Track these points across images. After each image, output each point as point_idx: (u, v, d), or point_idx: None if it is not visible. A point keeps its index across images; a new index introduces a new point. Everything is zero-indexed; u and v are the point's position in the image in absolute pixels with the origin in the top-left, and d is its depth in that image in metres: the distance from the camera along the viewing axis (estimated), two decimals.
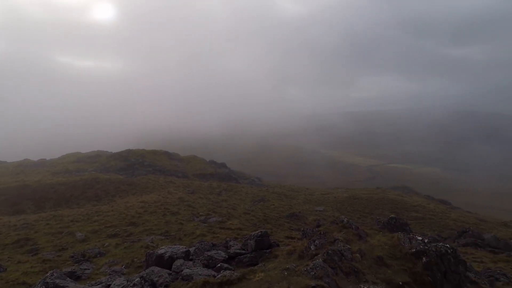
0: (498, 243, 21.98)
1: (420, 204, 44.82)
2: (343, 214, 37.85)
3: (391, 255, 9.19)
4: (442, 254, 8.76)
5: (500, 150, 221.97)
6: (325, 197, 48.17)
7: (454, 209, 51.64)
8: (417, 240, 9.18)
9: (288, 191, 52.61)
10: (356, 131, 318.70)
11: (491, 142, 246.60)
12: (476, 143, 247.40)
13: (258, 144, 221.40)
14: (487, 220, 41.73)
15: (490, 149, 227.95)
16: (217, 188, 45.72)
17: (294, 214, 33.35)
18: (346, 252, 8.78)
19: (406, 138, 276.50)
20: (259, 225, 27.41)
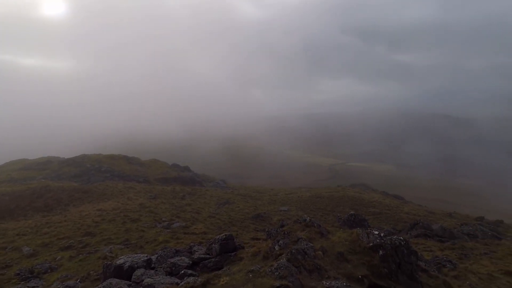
0: (444, 233, 23.99)
1: (377, 200, 47.47)
2: (307, 213, 38.90)
3: (351, 250, 9.60)
4: (396, 246, 9.35)
5: (445, 148, 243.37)
6: (289, 197, 49.14)
7: (407, 203, 55.44)
8: (374, 234, 9.70)
9: (253, 193, 52.87)
10: (317, 132, 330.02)
11: (437, 140, 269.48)
12: (424, 142, 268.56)
13: (222, 146, 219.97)
14: (435, 212, 45.45)
15: (436, 146, 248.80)
16: (180, 192, 44.56)
17: (259, 215, 33.59)
18: (309, 250, 9.01)
19: (363, 138, 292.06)
20: (224, 228, 27.18)
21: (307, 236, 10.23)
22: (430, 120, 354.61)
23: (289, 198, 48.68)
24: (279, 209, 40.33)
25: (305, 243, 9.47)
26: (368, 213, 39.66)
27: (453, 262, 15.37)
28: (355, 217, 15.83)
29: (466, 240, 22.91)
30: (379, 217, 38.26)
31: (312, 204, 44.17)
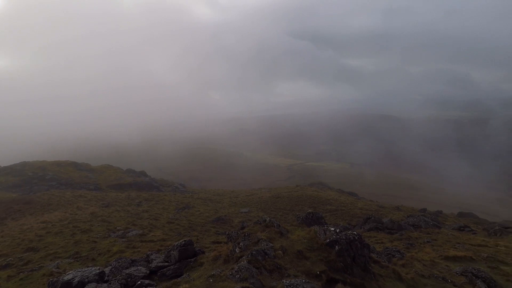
0: (393, 225, 25.86)
1: (333, 197, 49.67)
2: (267, 213, 39.42)
3: (309, 248, 9.91)
4: (351, 241, 9.86)
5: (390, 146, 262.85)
6: (249, 198, 49.37)
7: (360, 199, 58.81)
8: (330, 231, 10.13)
9: (213, 196, 52.24)
10: (276, 133, 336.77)
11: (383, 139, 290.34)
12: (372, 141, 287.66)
13: (181, 149, 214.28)
14: (385, 206, 48.78)
15: (383, 145, 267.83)
16: (136, 198, 42.48)
17: (220, 218, 33.27)
18: (269, 251, 9.12)
19: (319, 138, 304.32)
20: (184, 234, 26.45)
21: (267, 236, 10.35)
22: (378, 121, 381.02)
23: (250, 199, 48.92)
24: (240, 211, 40.33)
25: (265, 243, 9.56)
26: (325, 211, 41.34)
27: (401, 251, 16.61)
28: (313, 215, 16.41)
29: (411, 230, 24.92)
30: (335, 214, 40.05)
31: (272, 204, 44.84)
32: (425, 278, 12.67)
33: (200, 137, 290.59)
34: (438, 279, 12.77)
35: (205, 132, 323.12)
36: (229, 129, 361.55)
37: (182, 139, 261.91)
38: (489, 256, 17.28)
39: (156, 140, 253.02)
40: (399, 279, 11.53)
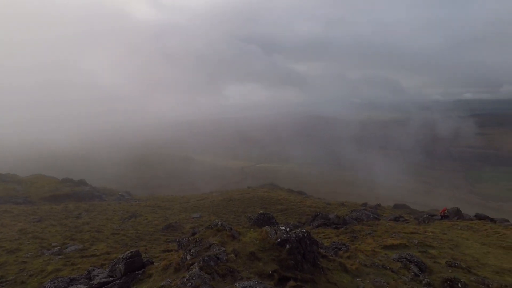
0: (339, 220, 27.50)
1: (283, 197, 51.13)
2: (219, 217, 39.05)
3: (261, 248, 10.05)
4: (300, 238, 10.24)
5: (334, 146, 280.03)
6: (201, 203, 48.44)
7: (309, 197, 61.53)
8: (281, 230, 10.40)
9: (162, 202, 50.13)
10: (227, 135, 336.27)
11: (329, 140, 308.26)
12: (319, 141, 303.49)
13: (126, 155, 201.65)
14: (331, 203, 51.69)
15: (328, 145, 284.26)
16: (75, 210, 38.80)
17: (171, 226, 32.05)
18: (221, 255, 9.03)
19: (269, 140, 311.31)
20: (131, 245, 24.92)
21: (219, 240, 10.24)
22: (322, 122, 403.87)
23: (201, 204, 48.01)
24: (191, 216, 39.33)
25: (217, 248, 9.45)
26: (277, 210, 42.38)
27: (346, 244, 17.72)
28: (264, 216, 16.69)
29: (355, 224, 26.76)
30: (286, 213, 41.27)
31: (224, 207, 44.58)
32: (368, 267, 13.70)
33: (147, 142, 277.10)
34: (378, 267, 13.90)
35: (152, 136, 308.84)
36: (178, 132, 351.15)
37: (127, 144, 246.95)
38: (419, 242, 19.33)
39: (97, 145, 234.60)
40: (345, 271, 12.29)
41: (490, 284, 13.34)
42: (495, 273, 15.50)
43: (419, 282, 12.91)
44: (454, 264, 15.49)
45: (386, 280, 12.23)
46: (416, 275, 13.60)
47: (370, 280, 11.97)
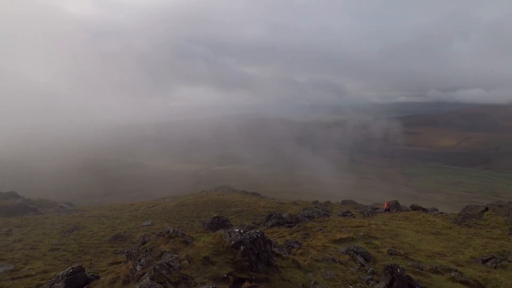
0: (292, 219, 28.37)
1: (238, 199, 51.17)
2: (172, 223, 37.72)
3: (216, 252, 9.93)
4: (254, 239, 10.35)
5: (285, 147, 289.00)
6: (152, 210, 46.28)
7: (263, 198, 62.43)
8: (235, 232, 10.40)
9: (109, 212, 46.81)
10: (178, 139, 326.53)
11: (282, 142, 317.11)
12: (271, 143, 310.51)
13: (66, 162, 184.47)
14: (284, 203, 53.11)
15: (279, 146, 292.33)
16: (3, 226, 34.35)
17: (119, 236, 30.08)
18: (174, 262, 8.72)
19: (222, 142, 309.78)
20: (73, 260, 22.84)
21: (172, 247, 9.89)
22: (274, 124, 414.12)
23: (153, 210, 45.86)
24: (141, 224, 37.36)
25: (169, 255, 9.11)
26: (231, 213, 42.27)
27: (299, 242, 18.36)
28: (218, 219, 16.52)
29: (307, 221, 27.85)
30: (241, 215, 41.37)
31: (177, 213, 43.17)
32: (319, 261, 14.35)
33: (89, 147, 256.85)
34: (329, 260, 14.65)
35: (95, 141, 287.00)
36: (124, 136, 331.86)
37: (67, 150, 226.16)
38: (364, 234, 20.81)
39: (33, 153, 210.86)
40: (298, 267, 12.73)
41: (424, 267, 14.87)
42: (427, 257, 17.32)
43: (365, 271, 13.88)
44: (394, 252, 16.97)
45: (335, 272, 12.93)
46: (362, 265, 14.61)
47: (321, 274, 12.55)
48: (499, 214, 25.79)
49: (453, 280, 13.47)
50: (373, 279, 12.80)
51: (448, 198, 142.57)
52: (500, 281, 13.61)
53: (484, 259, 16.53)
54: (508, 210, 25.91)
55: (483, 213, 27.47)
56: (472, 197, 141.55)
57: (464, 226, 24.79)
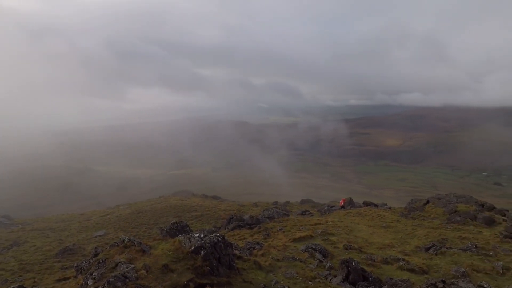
0: (252, 220, 28.56)
1: (197, 203, 50.21)
2: (128, 232, 35.83)
3: (175, 259, 9.63)
4: (215, 243, 10.23)
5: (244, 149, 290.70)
6: (105, 219, 43.51)
7: (223, 201, 62.00)
8: (195, 237, 10.18)
9: (55, 223, 43.05)
10: (133, 143, 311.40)
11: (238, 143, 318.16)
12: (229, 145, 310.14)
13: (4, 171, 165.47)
14: (245, 204, 53.28)
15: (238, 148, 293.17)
16: None
17: (67, 249, 27.77)
18: (130, 273, 8.28)
19: (180, 146, 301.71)
20: (12, 280, 20.56)
21: (127, 257, 9.38)
22: (233, 126, 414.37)
23: (106, 220, 43.13)
24: (93, 235, 34.92)
25: (125, 266, 8.62)
26: (191, 218, 41.34)
27: (260, 243, 18.54)
28: (177, 225, 16.05)
29: (267, 222, 28.23)
30: (201, 219, 40.64)
31: (133, 221, 41.11)
32: (280, 261, 14.64)
33: (33, 154, 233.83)
34: (289, 259, 15.01)
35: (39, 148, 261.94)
36: (72, 141, 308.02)
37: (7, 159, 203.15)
38: (322, 232, 21.67)
39: None
40: (260, 268, 12.86)
41: (376, 259, 15.90)
42: (379, 249, 18.56)
43: (323, 267, 14.46)
44: (349, 247, 17.91)
45: (296, 270, 13.29)
46: (320, 261, 15.20)
47: (282, 273, 12.81)
48: (438, 206, 28.54)
49: (401, 269, 14.59)
50: (331, 274, 13.39)
51: (396, 193, 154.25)
52: (440, 266, 15.05)
53: (427, 247, 18.16)
54: (445, 202, 28.79)
55: (425, 205, 30.18)
56: (416, 191, 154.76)
57: (410, 218, 27.02)
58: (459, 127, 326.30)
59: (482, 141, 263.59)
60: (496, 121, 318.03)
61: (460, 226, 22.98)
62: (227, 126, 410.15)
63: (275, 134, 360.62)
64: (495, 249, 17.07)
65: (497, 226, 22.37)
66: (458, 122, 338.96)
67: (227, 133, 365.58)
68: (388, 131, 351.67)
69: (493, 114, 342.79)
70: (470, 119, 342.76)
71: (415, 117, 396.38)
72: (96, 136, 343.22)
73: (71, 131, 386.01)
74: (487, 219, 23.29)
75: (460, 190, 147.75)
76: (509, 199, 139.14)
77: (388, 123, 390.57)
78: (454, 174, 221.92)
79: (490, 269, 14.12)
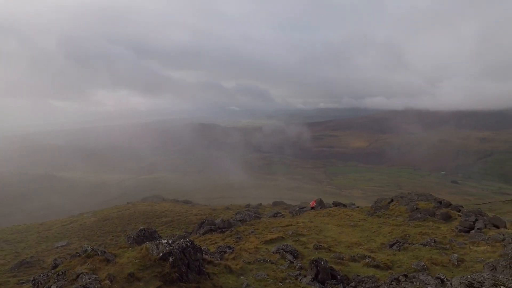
0: (224, 224, 28.32)
1: (168, 209, 48.96)
2: (93, 240, 34.14)
3: (142, 267, 9.31)
4: (184, 249, 10.02)
5: (217, 152, 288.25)
6: (68, 228, 41.09)
7: (195, 206, 60.94)
8: (163, 244, 9.91)
9: (10, 235, 39.89)
10: (99, 147, 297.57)
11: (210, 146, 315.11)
12: (203, 149, 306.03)
13: None
14: (217, 208, 52.76)
15: (210, 151, 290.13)
16: None
17: (24, 262, 25.87)
18: (92, 284, 7.87)
19: (150, 149, 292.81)
20: None
21: (90, 268, 8.91)
22: (204, 129, 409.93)
23: (68, 229, 40.74)
24: (54, 246, 32.83)
25: (87, 277, 8.19)
26: (161, 223, 40.22)
27: (231, 246, 18.43)
28: (145, 232, 15.52)
29: (239, 225, 28.14)
30: (171, 225, 39.66)
31: (99, 229, 39.21)
32: (251, 264, 14.64)
33: None
34: (260, 261, 15.05)
35: None
36: (31, 145, 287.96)
37: None
38: (293, 233, 21.99)
39: None
40: (230, 272, 12.78)
41: (344, 257, 16.42)
42: (347, 247, 19.18)
43: (293, 268, 14.67)
44: (319, 247, 18.33)
45: (266, 272, 13.36)
46: (291, 262, 15.41)
47: (253, 276, 12.82)
48: (402, 204, 30.09)
49: (367, 266, 15.19)
50: (301, 274, 13.61)
51: (363, 193, 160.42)
52: (403, 261, 15.86)
53: (391, 244, 19.05)
54: (407, 200, 30.42)
55: (389, 204, 31.69)
56: (382, 191, 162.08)
57: (376, 216, 28.22)
58: (419, 129, 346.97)
59: (440, 142, 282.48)
60: (452, 124, 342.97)
61: (420, 222, 24.37)
62: (198, 130, 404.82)
63: (247, 137, 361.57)
64: (451, 243, 18.30)
65: (453, 221, 24.00)
66: (418, 125, 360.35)
67: (198, 137, 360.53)
68: (356, 133, 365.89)
69: (448, 117, 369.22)
70: (429, 122, 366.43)
71: (380, 120, 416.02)
72: (58, 140, 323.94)
73: (30, 135, 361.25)
74: (445, 215, 24.92)
75: (421, 188, 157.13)
76: (464, 196, 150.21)
77: (355, 125, 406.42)
78: (416, 174, 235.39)
79: (447, 261, 15.09)
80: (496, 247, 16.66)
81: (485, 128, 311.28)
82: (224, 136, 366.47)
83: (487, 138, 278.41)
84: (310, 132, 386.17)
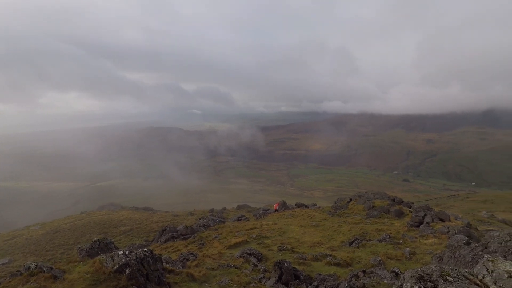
0: (187, 231, 27.52)
1: (126, 217, 46.46)
2: (41, 255, 31.23)
3: (94, 282, 8.62)
4: (142, 259, 9.48)
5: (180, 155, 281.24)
6: (10, 244, 37.12)
7: (156, 212, 58.59)
8: (119, 255, 9.29)
9: None
10: (49, 152, 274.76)
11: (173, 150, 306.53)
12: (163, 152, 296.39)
13: None
14: (180, 214, 51.23)
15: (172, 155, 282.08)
16: None
17: None
18: None
19: (106, 155, 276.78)
20: None
21: (35, 287, 8.05)
22: (165, 133, 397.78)
23: (11, 244, 36.81)
24: None
25: None
26: (119, 233, 38.06)
27: (194, 253, 17.90)
28: (99, 243, 14.48)
29: (203, 231, 27.54)
30: (130, 234, 37.69)
31: (47, 242, 35.96)
32: (215, 270, 14.32)
33: None
34: (224, 267, 14.79)
35: None
36: None
37: None
38: (257, 236, 22.00)
39: None
40: (193, 280, 12.37)
41: (307, 257, 16.74)
42: (309, 247, 19.61)
43: (258, 271, 14.61)
44: (282, 248, 18.51)
45: (230, 277, 13.15)
46: (255, 265, 15.34)
47: (216, 282, 12.54)
48: (359, 203, 31.60)
49: (329, 264, 15.63)
50: (265, 277, 13.60)
51: (324, 194, 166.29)
52: (362, 257, 16.58)
53: (350, 241, 19.86)
54: (365, 199, 32.03)
55: (348, 203, 33.12)
56: (342, 190, 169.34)
57: (336, 216, 29.30)
58: (373, 132, 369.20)
59: (392, 144, 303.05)
60: (401, 127, 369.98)
61: (377, 219, 25.76)
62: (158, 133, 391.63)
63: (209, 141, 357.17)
64: (404, 238, 19.55)
65: (405, 217, 25.70)
66: (372, 128, 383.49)
67: (158, 141, 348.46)
68: (315, 136, 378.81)
69: (398, 120, 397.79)
70: (382, 125, 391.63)
71: (338, 123, 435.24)
72: (1, 146, 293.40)
73: None
74: (397, 211, 26.61)
75: (377, 187, 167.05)
76: (414, 193, 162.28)
77: (315, 129, 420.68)
78: (372, 173, 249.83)
79: (400, 255, 16.08)
80: (442, 239, 18.13)
81: (430, 131, 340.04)
82: (185, 140, 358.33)
83: (432, 140, 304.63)
84: (272, 135, 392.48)
